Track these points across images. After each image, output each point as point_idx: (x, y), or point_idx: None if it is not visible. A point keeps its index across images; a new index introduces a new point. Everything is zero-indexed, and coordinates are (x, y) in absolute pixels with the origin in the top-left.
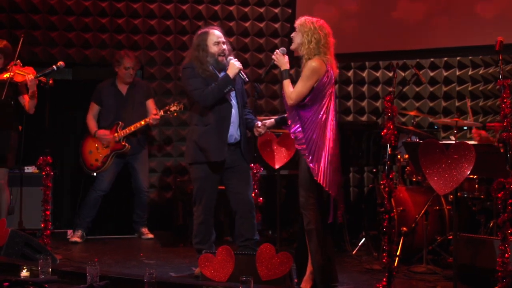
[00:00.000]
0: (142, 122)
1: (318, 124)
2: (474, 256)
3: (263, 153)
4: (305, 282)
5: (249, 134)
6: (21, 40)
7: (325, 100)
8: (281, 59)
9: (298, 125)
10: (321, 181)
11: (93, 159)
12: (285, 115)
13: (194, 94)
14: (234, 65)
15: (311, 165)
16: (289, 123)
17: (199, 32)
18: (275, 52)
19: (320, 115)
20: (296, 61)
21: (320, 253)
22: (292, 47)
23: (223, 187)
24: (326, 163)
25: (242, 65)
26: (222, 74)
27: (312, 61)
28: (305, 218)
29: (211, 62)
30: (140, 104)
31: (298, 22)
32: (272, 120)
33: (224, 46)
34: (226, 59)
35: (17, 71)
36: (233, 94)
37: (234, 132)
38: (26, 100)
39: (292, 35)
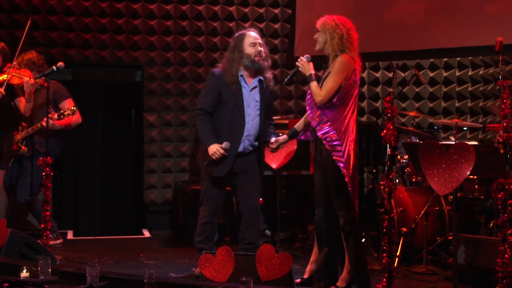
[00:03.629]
0: (38, 125)
1: (348, 126)
2: (474, 256)
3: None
4: (341, 281)
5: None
6: (29, 22)
7: (351, 101)
8: (305, 65)
9: (328, 126)
10: (349, 184)
11: None
12: (295, 126)
13: (197, 104)
14: (213, 150)
15: (342, 166)
16: (313, 125)
17: (236, 34)
18: (299, 59)
19: (348, 117)
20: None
21: (358, 252)
22: (317, 48)
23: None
24: (353, 165)
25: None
26: (254, 80)
27: (341, 56)
28: (342, 219)
29: (246, 63)
30: (42, 106)
31: (319, 22)
32: (285, 136)
33: (261, 48)
34: (263, 61)
35: (14, 73)
36: (255, 107)
37: (248, 144)
38: (22, 103)
39: (315, 36)
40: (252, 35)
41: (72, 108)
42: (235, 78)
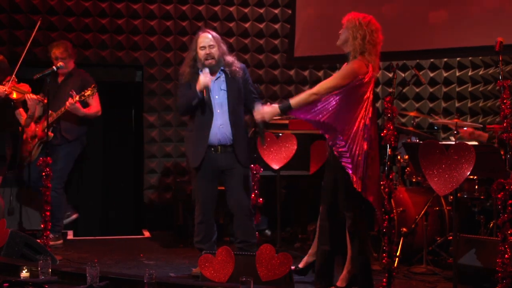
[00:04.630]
0: (62, 109)
1: (358, 131)
2: (474, 256)
3: (263, 153)
4: (341, 281)
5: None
6: (38, 24)
7: (361, 105)
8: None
9: (336, 133)
10: (359, 189)
11: (25, 149)
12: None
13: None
14: (200, 81)
15: (350, 172)
16: (323, 132)
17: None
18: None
19: (358, 121)
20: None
21: (363, 254)
22: (338, 43)
23: (223, 188)
24: (363, 170)
25: (245, 65)
26: (218, 72)
27: (354, 62)
28: (348, 220)
29: (199, 65)
30: (67, 92)
31: (345, 18)
32: (276, 107)
33: (211, 50)
34: (218, 60)
35: (13, 88)
36: (223, 96)
37: (223, 134)
38: (22, 115)
39: (340, 32)
40: (201, 39)
41: (93, 88)
42: (196, 73)
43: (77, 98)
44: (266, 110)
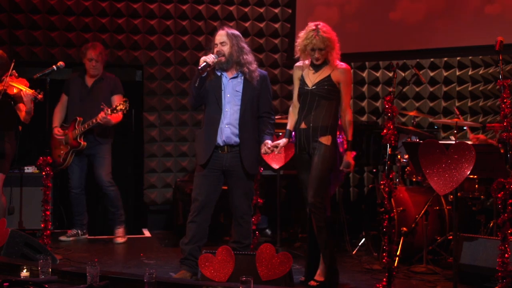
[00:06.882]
0: (94, 121)
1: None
2: (474, 256)
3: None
4: (318, 276)
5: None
6: (12, 64)
7: None
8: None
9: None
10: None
11: (56, 154)
12: (288, 128)
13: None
14: (201, 59)
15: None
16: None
17: None
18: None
19: None
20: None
21: (330, 247)
22: (319, 62)
23: (226, 187)
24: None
25: (267, 73)
26: (237, 72)
27: (347, 68)
28: (317, 217)
29: None
30: (104, 99)
31: (320, 42)
32: (285, 140)
33: (222, 47)
34: (228, 59)
35: (11, 83)
36: (236, 96)
37: (231, 133)
38: (22, 111)
39: (317, 56)
40: (216, 36)
41: (124, 102)
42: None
43: (109, 112)
44: (281, 145)
